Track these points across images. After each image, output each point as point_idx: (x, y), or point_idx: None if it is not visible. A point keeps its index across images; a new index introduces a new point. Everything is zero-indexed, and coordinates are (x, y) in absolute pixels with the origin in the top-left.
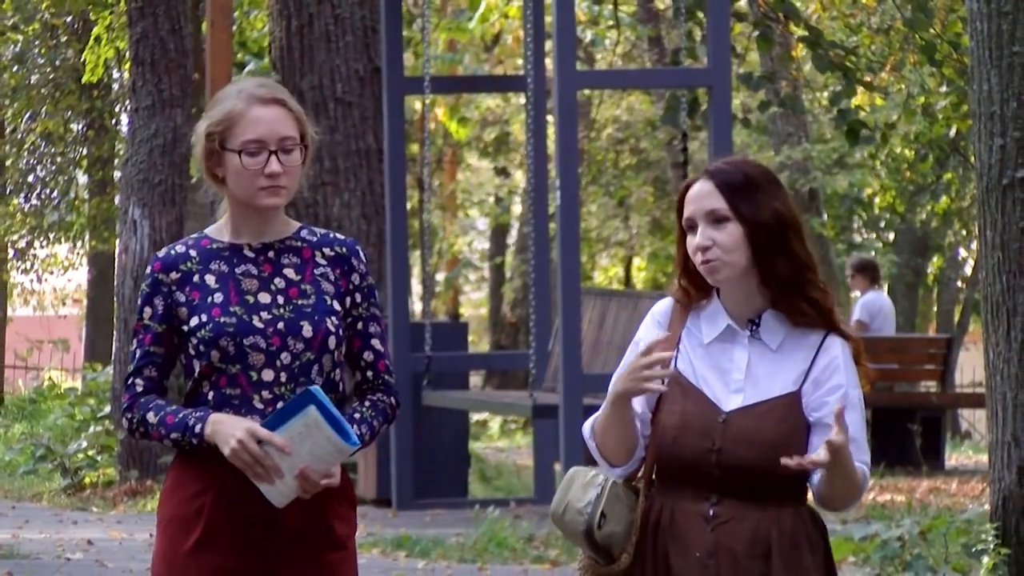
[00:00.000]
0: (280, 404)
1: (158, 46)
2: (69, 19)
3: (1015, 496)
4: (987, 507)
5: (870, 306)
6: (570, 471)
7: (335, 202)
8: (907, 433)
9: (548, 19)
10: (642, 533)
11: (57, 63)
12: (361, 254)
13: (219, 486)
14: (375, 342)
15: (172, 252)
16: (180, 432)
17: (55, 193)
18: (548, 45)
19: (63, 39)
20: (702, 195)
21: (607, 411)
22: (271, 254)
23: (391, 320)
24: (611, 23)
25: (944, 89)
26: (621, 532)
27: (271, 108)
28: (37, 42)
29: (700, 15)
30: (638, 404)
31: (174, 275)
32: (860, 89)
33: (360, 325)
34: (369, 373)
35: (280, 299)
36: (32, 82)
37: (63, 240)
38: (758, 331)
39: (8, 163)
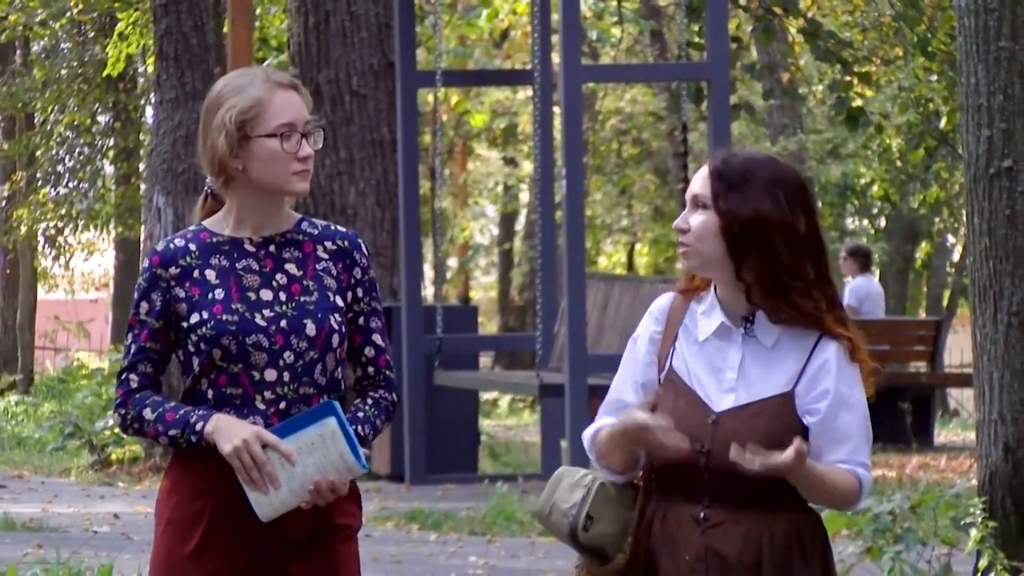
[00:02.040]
0: (282, 405)
1: (181, 42)
2: (96, 16)
3: (1001, 472)
4: (975, 482)
5: (859, 291)
6: (558, 471)
7: (351, 191)
8: (898, 412)
9: (555, 16)
10: (637, 534)
11: (85, 58)
12: (363, 247)
13: (220, 487)
14: (376, 337)
15: (171, 246)
16: (180, 428)
17: (83, 183)
18: (554, 40)
19: (91, 35)
20: (697, 179)
21: (613, 440)
22: (272, 248)
23: (404, 303)
24: (615, 19)
25: (935, 79)
26: (615, 532)
27: (291, 92)
28: (65, 38)
29: (700, 11)
30: (636, 401)
31: (173, 270)
32: (856, 80)
33: (361, 320)
34: (370, 369)
35: (282, 296)
36: (61, 76)
37: (91, 227)
38: (752, 329)
39: (38, 154)
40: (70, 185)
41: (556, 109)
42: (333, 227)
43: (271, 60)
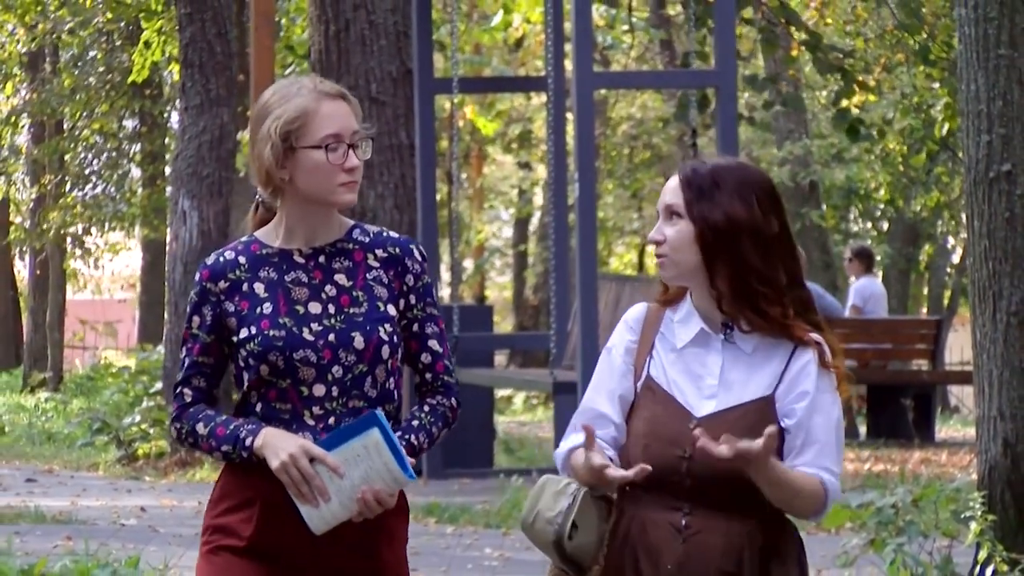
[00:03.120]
0: (332, 420)
1: (206, 49)
2: (123, 24)
3: (1000, 466)
4: (974, 477)
5: (863, 291)
6: (541, 479)
7: (370, 194)
8: (900, 408)
9: (567, 24)
10: (612, 544)
11: (113, 65)
12: (416, 253)
13: (269, 497)
14: (432, 343)
15: (221, 259)
16: (231, 444)
17: (110, 186)
18: (567, 48)
19: (118, 43)
20: (668, 189)
21: (579, 474)
22: (322, 259)
23: None
24: (626, 28)
25: (936, 86)
26: (593, 542)
27: (338, 102)
28: (93, 46)
29: (708, 20)
30: (615, 415)
31: (223, 284)
32: (857, 88)
33: (416, 327)
34: (428, 375)
35: (331, 308)
36: (89, 83)
37: (117, 228)
38: (732, 335)
39: (67, 158)
40: (98, 188)
41: (569, 115)
42: (386, 233)
43: (295, 67)
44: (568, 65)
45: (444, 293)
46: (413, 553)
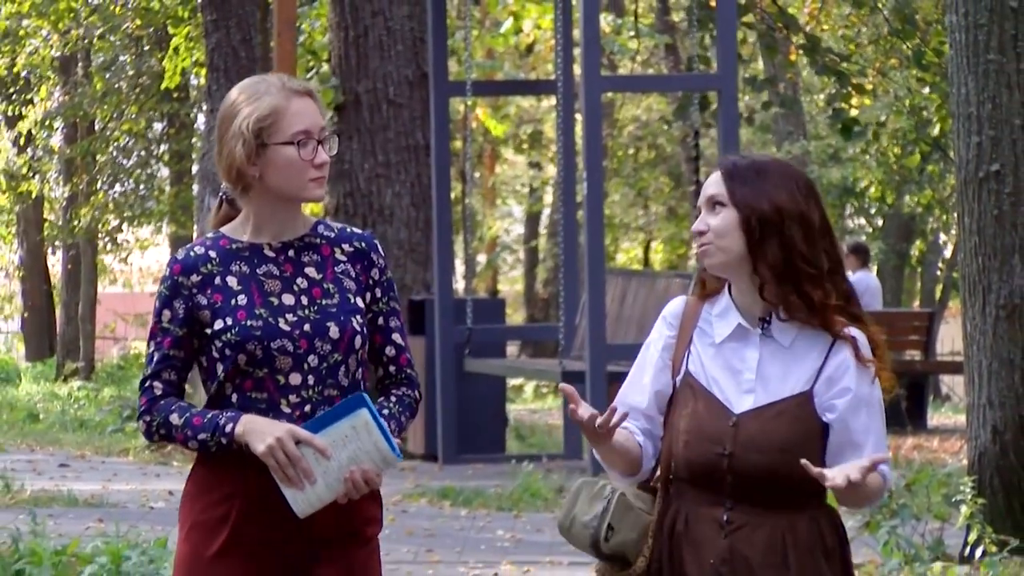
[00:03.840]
0: (307, 408)
1: (231, 55)
2: (152, 30)
3: (990, 452)
4: (965, 462)
5: (859, 285)
6: (577, 483)
7: (388, 192)
8: (894, 397)
9: (576, 31)
10: (657, 537)
11: (142, 70)
12: (379, 249)
13: (245, 491)
14: (396, 336)
15: (191, 253)
16: (209, 432)
17: (139, 185)
18: (576, 53)
19: (146, 48)
20: (710, 183)
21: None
22: (291, 253)
23: (437, 296)
24: (632, 34)
25: (927, 91)
26: (635, 538)
27: (307, 100)
28: (123, 51)
29: (711, 26)
30: (650, 408)
31: (195, 277)
32: (852, 91)
33: (381, 320)
34: (392, 368)
35: (304, 299)
36: (119, 87)
37: (146, 225)
38: (770, 328)
39: (98, 157)
40: (127, 186)
41: (578, 116)
42: (349, 229)
43: (316, 70)
44: (577, 69)
45: (459, 286)
46: (428, 535)
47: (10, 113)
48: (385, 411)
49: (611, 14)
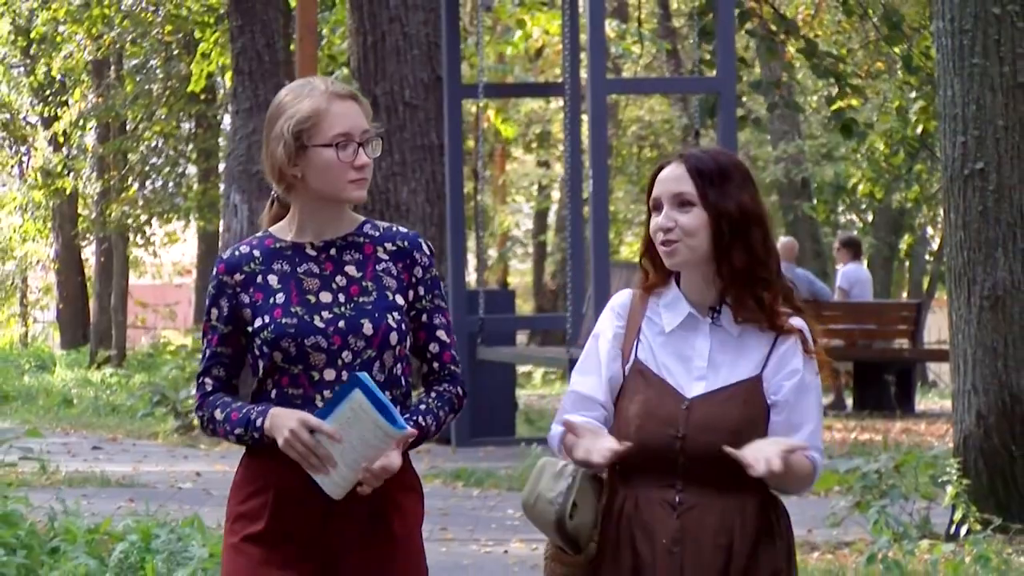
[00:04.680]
0: (331, 395)
1: (255, 59)
2: (180, 36)
3: (974, 435)
4: (951, 445)
5: (850, 276)
6: (540, 461)
7: (403, 189)
8: (883, 383)
9: (583, 36)
10: (606, 521)
11: (171, 72)
12: (424, 247)
13: (279, 483)
14: (440, 333)
15: (236, 253)
16: (243, 427)
17: (168, 182)
18: (583, 57)
19: (175, 53)
20: (672, 178)
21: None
22: (333, 251)
23: (450, 288)
24: (635, 39)
25: (914, 95)
26: (589, 522)
27: (348, 102)
28: (154, 55)
29: (711, 33)
30: (602, 397)
31: (238, 276)
32: (850, 91)
33: (424, 317)
34: (435, 364)
35: (341, 297)
36: (149, 89)
37: (174, 220)
38: (719, 318)
39: (129, 156)
40: (157, 183)
41: (584, 117)
42: (395, 228)
43: (337, 73)
44: (583, 73)
45: (471, 279)
46: (442, 514)
47: (46, 114)
48: (423, 406)
49: (616, 20)
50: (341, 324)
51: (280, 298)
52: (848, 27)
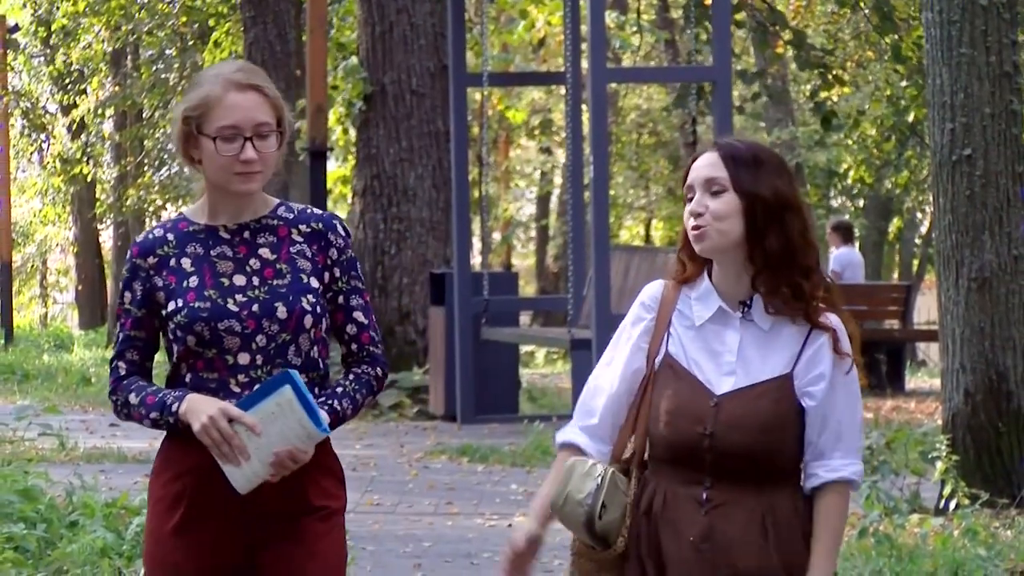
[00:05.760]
0: (256, 387)
1: (267, 48)
2: (195, 27)
3: (962, 413)
4: (940, 422)
5: (842, 260)
6: (568, 461)
7: (411, 175)
8: (874, 362)
9: (584, 27)
10: (634, 517)
11: (186, 62)
12: (339, 228)
13: (199, 468)
14: (358, 314)
15: (150, 236)
16: (159, 411)
17: (184, 169)
18: (584, 47)
19: (190, 43)
20: (705, 164)
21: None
22: (247, 234)
23: (456, 270)
24: (634, 30)
25: (904, 84)
26: (618, 518)
27: (248, 94)
28: (169, 45)
29: (706, 23)
30: (618, 388)
31: (151, 260)
32: (834, 82)
33: (341, 299)
34: (353, 346)
35: (255, 280)
36: (165, 78)
37: (188, 204)
38: (750, 312)
39: (146, 143)
40: (172, 169)
41: (585, 105)
42: (310, 210)
43: (345, 63)
44: (584, 62)
45: (476, 261)
46: (448, 488)
47: (65, 103)
48: (339, 389)
49: (615, 11)
50: (255, 308)
51: (193, 281)
52: (839, 18)
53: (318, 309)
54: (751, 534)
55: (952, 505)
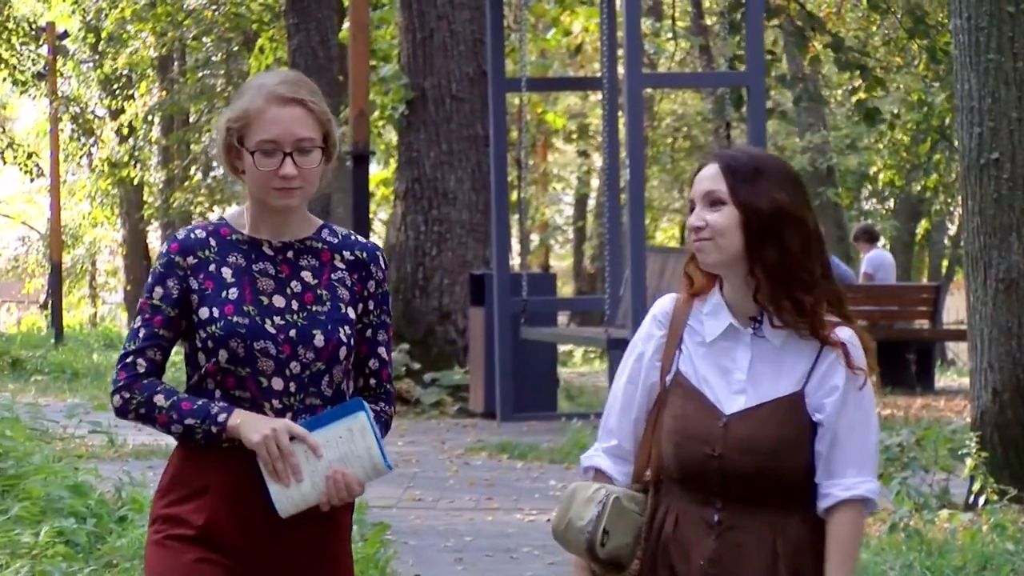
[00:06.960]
0: (289, 416)
1: (310, 54)
2: (240, 33)
3: (990, 411)
4: (968, 420)
5: (874, 261)
6: (571, 487)
7: (451, 178)
8: (904, 361)
9: (620, 33)
10: (647, 538)
11: (231, 68)
12: (381, 260)
13: (220, 487)
14: (381, 350)
15: (191, 236)
16: (199, 419)
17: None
18: (620, 53)
19: (235, 49)
20: (705, 177)
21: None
22: (290, 254)
23: (495, 271)
24: (670, 36)
25: (937, 86)
26: (630, 542)
27: (290, 108)
28: (215, 51)
29: (741, 28)
30: (637, 407)
31: (191, 260)
32: (875, 83)
33: (369, 332)
34: (372, 380)
35: (294, 304)
36: (211, 83)
37: (234, 207)
38: (761, 328)
39: (192, 147)
40: (218, 172)
41: (621, 110)
42: (354, 237)
43: (385, 70)
44: (620, 68)
45: (515, 263)
46: (488, 485)
47: (113, 107)
48: None
49: (651, 18)
50: (292, 333)
51: (233, 293)
52: (869, 23)
53: (351, 341)
54: (761, 560)
55: (981, 501)
